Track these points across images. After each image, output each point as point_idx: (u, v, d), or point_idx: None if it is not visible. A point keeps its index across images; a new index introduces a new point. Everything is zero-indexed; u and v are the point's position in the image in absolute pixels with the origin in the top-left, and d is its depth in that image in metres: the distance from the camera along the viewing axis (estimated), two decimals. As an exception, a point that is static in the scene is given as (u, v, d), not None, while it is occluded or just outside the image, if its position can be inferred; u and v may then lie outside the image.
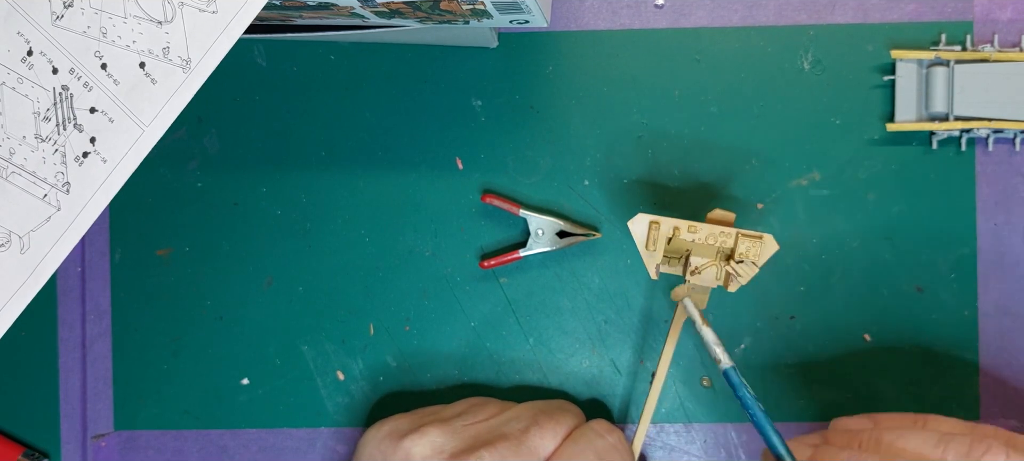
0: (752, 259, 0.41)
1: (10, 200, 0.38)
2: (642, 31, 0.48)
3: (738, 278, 0.41)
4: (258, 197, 0.49)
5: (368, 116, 0.49)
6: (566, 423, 0.42)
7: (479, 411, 0.43)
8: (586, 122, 0.48)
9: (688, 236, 0.41)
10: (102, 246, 0.49)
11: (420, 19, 0.42)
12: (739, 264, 0.41)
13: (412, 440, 0.41)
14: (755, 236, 0.41)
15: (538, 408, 0.43)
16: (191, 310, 0.49)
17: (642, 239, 0.41)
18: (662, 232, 0.41)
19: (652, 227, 0.41)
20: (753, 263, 0.41)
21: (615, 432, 0.43)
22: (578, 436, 0.42)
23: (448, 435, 0.41)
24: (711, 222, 0.41)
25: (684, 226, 0.41)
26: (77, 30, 0.37)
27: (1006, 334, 0.47)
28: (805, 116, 0.47)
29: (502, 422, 0.42)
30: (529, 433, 0.41)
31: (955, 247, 0.47)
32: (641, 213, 0.41)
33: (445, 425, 0.41)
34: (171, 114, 0.37)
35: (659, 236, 0.41)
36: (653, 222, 0.41)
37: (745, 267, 0.41)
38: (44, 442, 0.50)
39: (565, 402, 0.45)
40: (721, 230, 0.41)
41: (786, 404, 0.47)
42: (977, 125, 0.45)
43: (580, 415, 0.44)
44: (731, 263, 0.41)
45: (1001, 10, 0.47)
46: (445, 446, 0.40)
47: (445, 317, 0.48)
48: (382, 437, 0.42)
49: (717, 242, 0.41)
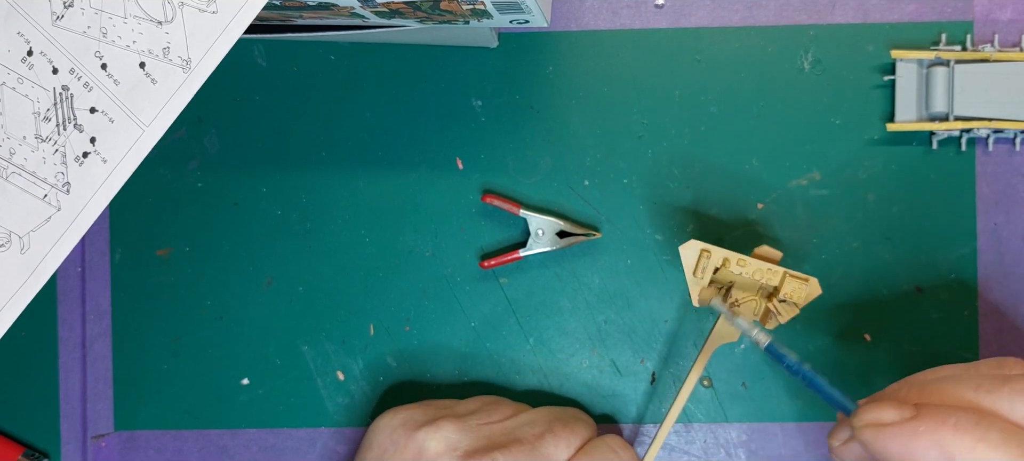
0: (795, 300, 0.40)
1: (10, 200, 0.38)
2: (642, 31, 0.48)
3: (778, 317, 0.41)
4: (258, 197, 0.49)
5: (368, 116, 0.49)
6: (581, 434, 0.42)
7: (493, 411, 0.43)
8: (586, 122, 0.48)
9: (736, 269, 0.41)
10: (102, 246, 0.49)
11: (420, 19, 0.42)
12: (782, 303, 0.41)
13: (426, 433, 0.40)
14: (801, 279, 0.40)
15: (554, 415, 0.43)
16: (191, 310, 0.49)
17: (691, 265, 0.41)
18: (712, 261, 0.41)
19: (702, 255, 0.41)
20: (795, 304, 0.41)
21: (628, 450, 0.43)
22: (592, 449, 0.42)
23: (462, 433, 0.41)
24: (757, 257, 0.41)
25: (734, 259, 0.41)
26: (77, 30, 0.37)
27: (1006, 334, 0.47)
28: (805, 116, 0.47)
29: (517, 425, 0.42)
30: (544, 440, 0.41)
31: (955, 247, 0.47)
32: (694, 240, 0.41)
33: (460, 422, 0.41)
34: (171, 114, 0.37)
35: (708, 265, 0.41)
36: (705, 250, 0.41)
37: (787, 307, 0.41)
38: (44, 442, 0.50)
39: (579, 411, 0.45)
40: (768, 267, 0.41)
41: (786, 404, 0.47)
42: (977, 125, 0.45)
43: (593, 427, 0.44)
44: (773, 301, 0.41)
45: (1001, 10, 0.47)
46: (459, 443, 0.40)
47: (445, 317, 0.49)
48: (396, 425, 0.41)
49: (762, 278, 0.41)
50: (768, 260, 0.41)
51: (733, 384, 0.48)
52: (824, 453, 0.47)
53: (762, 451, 0.48)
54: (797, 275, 0.40)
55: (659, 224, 0.48)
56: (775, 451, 0.48)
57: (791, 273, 0.40)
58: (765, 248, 0.41)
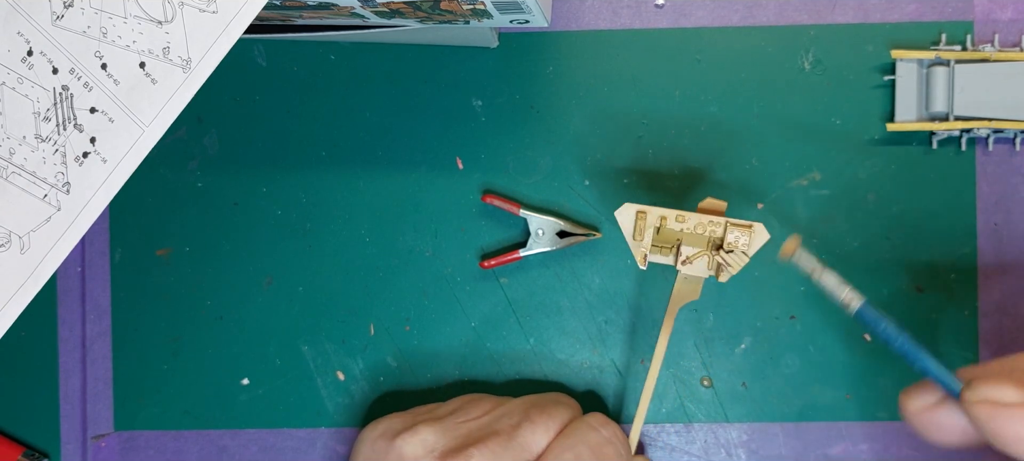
0: (742, 249, 0.40)
1: (10, 200, 0.38)
2: (642, 31, 0.48)
3: (729, 268, 0.41)
4: (258, 197, 0.49)
5: (368, 116, 0.49)
6: (559, 417, 0.42)
7: (473, 408, 0.43)
8: (586, 122, 0.48)
9: (676, 225, 0.41)
10: (102, 246, 0.49)
11: (420, 19, 0.42)
12: (729, 254, 0.40)
13: (403, 439, 0.41)
14: (744, 225, 0.40)
15: (531, 403, 0.43)
16: (191, 310, 0.49)
17: (629, 229, 0.41)
18: (649, 221, 0.41)
19: (639, 216, 0.41)
20: (743, 253, 0.40)
21: (611, 425, 0.43)
22: (571, 430, 0.42)
23: (439, 433, 0.41)
24: (702, 211, 0.41)
25: (672, 215, 0.41)
26: (77, 30, 0.37)
27: (1006, 334, 0.47)
28: (805, 116, 0.47)
29: (494, 419, 0.42)
30: (520, 428, 0.41)
31: (955, 247, 0.47)
32: (628, 203, 0.41)
33: (437, 423, 0.42)
34: (171, 114, 0.37)
35: (646, 225, 0.41)
36: (640, 212, 0.41)
37: (735, 257, 0.40)
38: (44, 442, 0.50)
39: (560, 395, 0.45)
40: (710, 219, 0.41)
41: (786, 404, 0.47)
42: (977, 125, 0.45)
43: (575, 408, 0.44)
44: (721, 253, 0.41)
45: (1001, 10, 0.47)
46: (436, 444, 0.41)
47: (445, 317, 0.48)
48: (376, 437, 0.42)
49: (706, 231, 0.41)
50: (713, 213, 0.41)
51: (733, 384, 0.48)
52: (824, 453, 0.47)
53: (762, 451, 0.48)
54: (740, 222, 0.40)
55: (659, 224, 0.48)
56: (775, 451, 0.48)
57: (733, 221, 0.40)
58: (710, 200, 0.41)
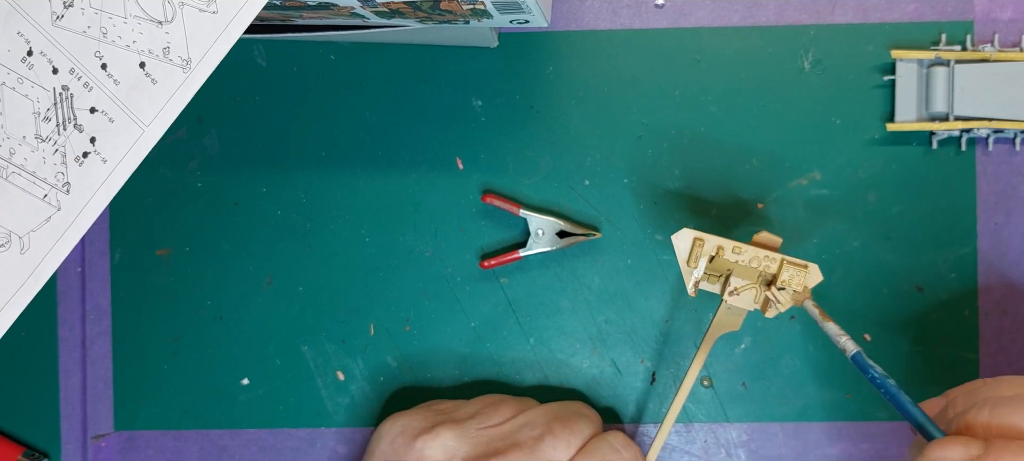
0: (794, 288, 0.40)
1: (10, 200, 0.38)
2: (642, 31, 0.48)
3: (777, 305, 0.40)
4: (258, 197, 0.49)
5: (368, 116, 0.49)
6: (582, 432, 0.42)
7: (494, 413, 0.43)
8: (586, 122, 0.48)
9: (731, 257, 0.40)
10: (102, 246, 0.49)
11: (420, 19, 0.42)
12: (780, 291, 0.40)
13: (424, 441, 0.40)
14: (800, 265, 0.40)
15: (554, 414, 0.43)
16: (191, 310, 0.49)
17: (684, 254, 0.40)
18: (706, 249, 0.40)
19: (696, 243, 0.40)
20: (795, 291, 0.40)
21: (632, 447, 0.42)
22: (593, 449, 0.41)
23: (461, 439, 0.41)
24: (756, 244, 0.40)
25: (729, 246, 0.40)
26: (77, 30, 0.37)
27: (1006, 334, 0.47)
28: (805, 116, 0.47)
29: (516, 428, 0.42)
30: (543, 442, 0.41)
31: (955, 247, 0.47)
32: (686, 228, 0.40)
33: (458, 427, 0.41)
34: (171, 114, 0.37)
35: (702, 253, 0.40)
36: (698, 239, 0.40)
37: (785, 295, 0.40)
38: (44, 442, 0.50)
39: (583, 406, 0.45)
40: (766, 254, 0.40)
41: (786, 404, 0.47)
42: (977, 125, 0.45)
43: (597, 422, 0.44)
44: (772, 289, 0.40)
45: (1001, 10, 0.47)
46: (458, 450, 0.40)
47: (445, 317, 0.48)
48: (396, 434, 0.41)
49: (760, 266, 0.40)
50: (767, 247, 0.40)
51: (733, 384, 0.48)
52: (824, 453, 0.47)
53: (762, 451, 0.48)
54: (796, 261, 0.40)
55: (659, 224, 0.48)
56: (775, 451, 0.48)
57: (789, 259, 0.40)
58: (764, 234, 0.41)
